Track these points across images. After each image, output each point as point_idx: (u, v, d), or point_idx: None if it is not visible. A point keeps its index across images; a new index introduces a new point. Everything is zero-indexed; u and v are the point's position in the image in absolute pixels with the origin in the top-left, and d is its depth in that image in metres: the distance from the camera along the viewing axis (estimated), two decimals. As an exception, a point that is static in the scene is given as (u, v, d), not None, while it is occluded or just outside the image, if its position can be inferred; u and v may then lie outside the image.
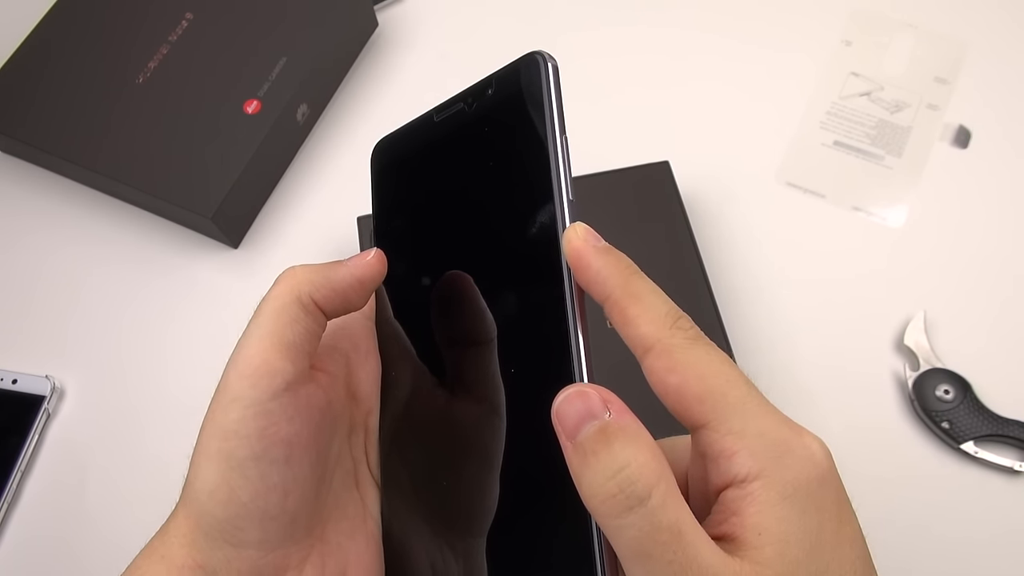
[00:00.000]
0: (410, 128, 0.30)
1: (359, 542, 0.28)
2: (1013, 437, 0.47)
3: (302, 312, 0.26)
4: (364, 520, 0.28)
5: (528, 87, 0.26)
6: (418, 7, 0.64)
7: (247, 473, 0.24)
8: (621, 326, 0.23)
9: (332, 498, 0.27)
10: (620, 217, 0.50)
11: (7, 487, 0.48)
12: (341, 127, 0.60)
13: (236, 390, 0.25)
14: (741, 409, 0.21)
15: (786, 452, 0.21)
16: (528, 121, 0.25)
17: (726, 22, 0.63)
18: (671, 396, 0.22)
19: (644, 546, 0.19)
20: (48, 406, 0.50)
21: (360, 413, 0.29)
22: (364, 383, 0.29)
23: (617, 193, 0.51)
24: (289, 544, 0.26)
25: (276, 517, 0.25)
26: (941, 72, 0.60)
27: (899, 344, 0.50)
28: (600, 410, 0.20)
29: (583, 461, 0.20)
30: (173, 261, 0.55)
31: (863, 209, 0.55)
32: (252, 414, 0.24)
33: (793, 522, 0.20)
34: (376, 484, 0.29)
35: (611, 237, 0.51)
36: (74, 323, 0.54)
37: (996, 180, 0.56)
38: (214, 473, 0.25)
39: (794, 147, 0.58)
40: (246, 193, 0.55)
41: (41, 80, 0.57)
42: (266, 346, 0.25)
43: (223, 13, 0.58)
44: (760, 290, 0.53)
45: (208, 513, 0.25)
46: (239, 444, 0.24)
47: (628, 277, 0.23)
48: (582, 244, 0.23)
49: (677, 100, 0.60)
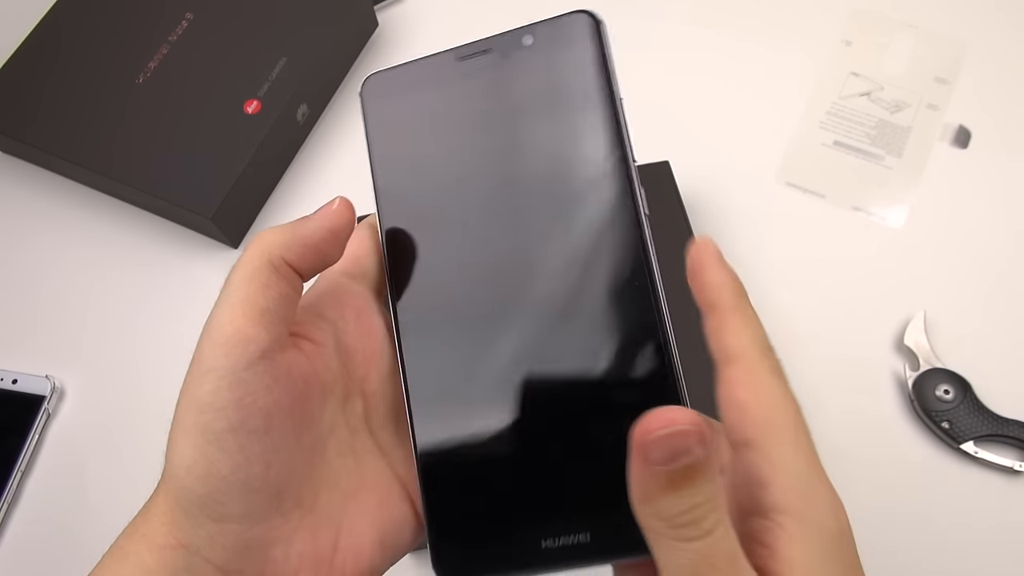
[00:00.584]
0: (418, 66, 0.27)
1: (352, 513, 0.27)
2: (1013, 437, 0.47)
3: (274, 275, 0.25)
4: (358, 491, 0.27)
5: (580, 45, 0.25)
6: (418, 7, 0.64)
7: (225, 445, 0.24)
8: (717, 333, 0.24)
9: (325, 468, 0.27)
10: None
11: (7, 487, 0.48)
12: (341, 127, 0.60)
13: (209, 361, 0.24)
14: (789, 444, 0.22)
15: (818, 498, 0.22)
16: (582, 79, 0.25)
17: (725, 22, 0.63)
18: (733, 409, 0.22)
19: (698, 568, 0.20)
20: (48, 406, 0.50)
21: (355, 381, 0.28)
22: (358, 350, 0.28)
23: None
24: (275, 516, 0.25)
25: (259, 489, 0.24)
26: (941, 72, 0.60)
27: (899, 344, 0.50)
28: (695, 447, 0.20)
29: (660, 488, 0.20)
30: (173, 261, 0.55)
31: (863, 209, 0.55)
32: (227, 384, 0.24)
33: (821, 563, 0.21)
34: (378, 452, 0.28)
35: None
36: (74, 323, 0.54)
37: (996, 180, 0.56)
38: (191, 447, 0.24)
39: (794, 147, 0.58)
40: (246, 193, 0.55)
41: (41, 81, 0.57)
42: (238, 314, 0.24)
43: (223, 13, 0.58)
44: (760, 290, 0.53)
45: (187, 488, 0.24)
46: (215, 416, 0.24)
47: (741, 296, 0.24)
48: (710, 253, 0.24)
49: (677, 100, 0.60)
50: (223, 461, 0.24)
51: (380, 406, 0.28)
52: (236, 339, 0.24)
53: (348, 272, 0.29)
